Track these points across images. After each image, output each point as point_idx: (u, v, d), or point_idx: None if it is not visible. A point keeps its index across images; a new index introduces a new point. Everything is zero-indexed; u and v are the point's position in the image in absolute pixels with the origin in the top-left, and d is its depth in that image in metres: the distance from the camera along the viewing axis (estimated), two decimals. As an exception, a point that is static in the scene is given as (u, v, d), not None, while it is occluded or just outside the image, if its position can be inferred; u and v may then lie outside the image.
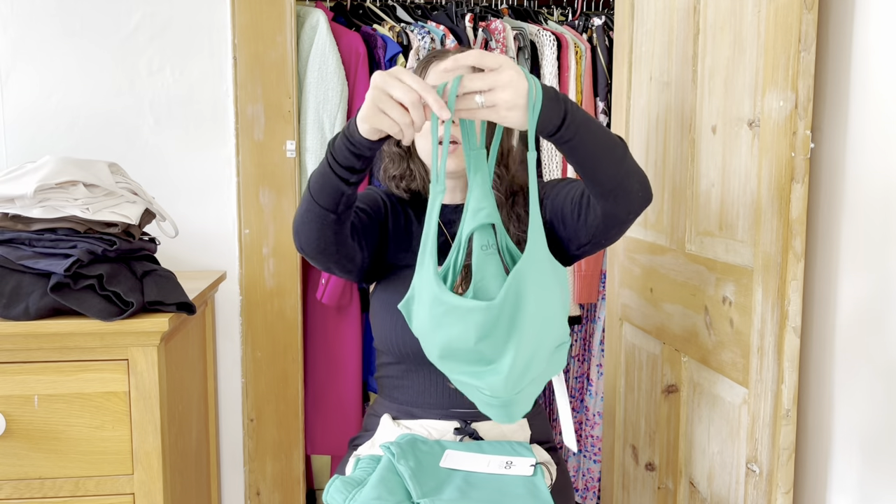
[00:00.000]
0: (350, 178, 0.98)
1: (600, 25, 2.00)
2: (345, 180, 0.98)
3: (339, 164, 0.97)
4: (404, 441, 1.12)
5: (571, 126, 0.92)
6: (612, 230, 1.08)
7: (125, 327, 1.19)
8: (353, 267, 1.15)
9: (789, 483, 1.11)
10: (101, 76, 1.73)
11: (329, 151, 0.98)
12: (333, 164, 0.97)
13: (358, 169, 0.98)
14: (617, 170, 0.99)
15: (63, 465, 1.22)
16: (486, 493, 1.04)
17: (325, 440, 1.98)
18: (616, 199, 1.01)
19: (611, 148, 0.98)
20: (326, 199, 1.00)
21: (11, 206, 1.22)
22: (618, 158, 0.99)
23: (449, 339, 0.95)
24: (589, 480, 2.15)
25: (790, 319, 1.09)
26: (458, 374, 0.99)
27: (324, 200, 1.00)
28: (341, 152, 0.96)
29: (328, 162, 0.98)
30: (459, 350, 0.95)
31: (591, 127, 0.95)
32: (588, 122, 0.95)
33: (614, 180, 0.99)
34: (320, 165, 1.00)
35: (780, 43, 1.08)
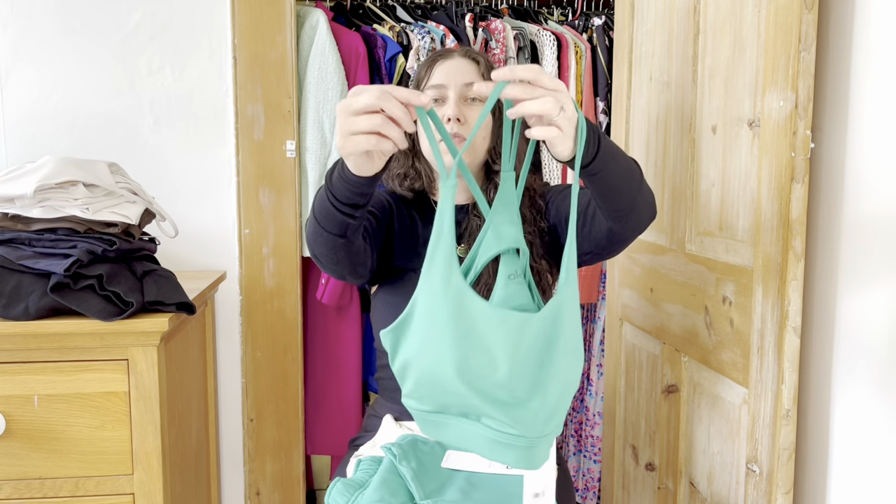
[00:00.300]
0: (354, 213, 0.94)
1: (600, 25, 1.99)
2: (349, 215, 0.94)
3: (340, 202, 0.93)
4: (405, 442, 1.12)
5: (602, 158, 0.90)
6: (615, 245, 1.08)
7: (125, 327, 1.19)
8: (365, 271, 1.13)
9: (789, 483, 1.11)
10: (101, 76, 1.73)
11: (328, 189, 0.93)
12: (335, 202, 0.93)
13: (361, 204, 0.93)
14: (634, 197, 0.99)
15: (63, 465, 1.22)
16: (489, 493, 1.04)
17: (325, 440, 1.98)
18: (627, 220, 1.02)
19: (631, 176, 0.97)
20: (332, 227, 0.97)
21: (11, 206, 1.22)
22: (636, 186, 0.98)
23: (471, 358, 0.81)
24: (589, 480, 2.15)
25: (790, 319, 1.09)
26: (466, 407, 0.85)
27: (330, 228, 0.97)
28: (341, 192, 0.91)
29: (329, 199, 0.93)
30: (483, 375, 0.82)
31: (618, 157, 0.93)
32: (615, 153, 0.93)
33: (630, 205, 0.99)
34: (321, 197, 0.95)
35: (780, 43, 1.08)
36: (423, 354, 0.83)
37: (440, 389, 0.84)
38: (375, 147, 0.80)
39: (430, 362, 0.82)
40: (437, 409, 0.86)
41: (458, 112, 1.17)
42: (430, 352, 0.82)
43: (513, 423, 0.84)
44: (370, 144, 0.80)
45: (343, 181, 0.90)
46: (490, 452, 0.86)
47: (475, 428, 0.86)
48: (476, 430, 0.86)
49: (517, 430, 0.84)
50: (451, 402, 0.85)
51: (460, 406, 0.85)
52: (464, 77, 1.19)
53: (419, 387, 0.85)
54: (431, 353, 0.82)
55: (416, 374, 0.84)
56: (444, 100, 1.20)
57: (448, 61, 1.21)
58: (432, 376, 0.83)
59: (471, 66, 1.21)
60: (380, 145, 0.80)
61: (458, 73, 1.19)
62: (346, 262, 1.05)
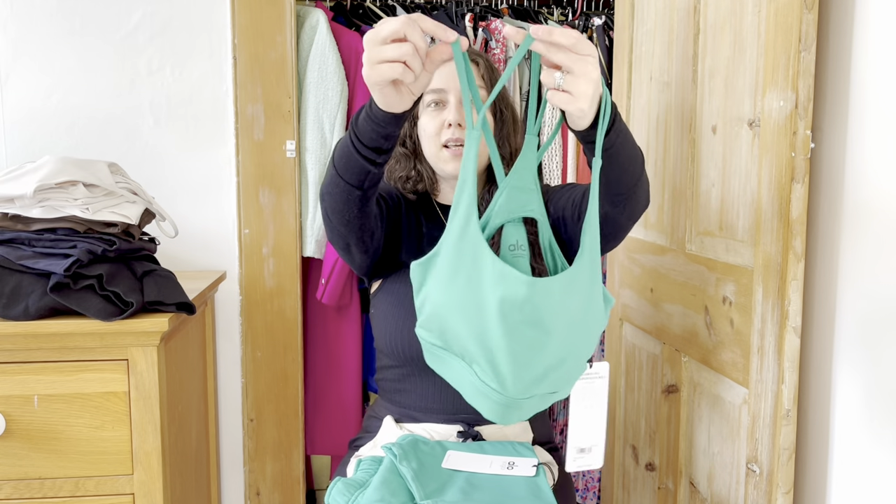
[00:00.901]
0: (377, 158, 0.93)
1: (600, 25, 1.99)
2: (371, 160, 0.93)
3: (364, 146, 0.92)
4: (406, 442, 1.12)
5: (615, 133, 0.89)
6: (609, 234, 1.06)
7: (125, 327, 1.19)
8: (372, 246, 1.11)
9: (789, 483, 1.11)
10: (101, 76, 1.73)
11: (352, 132, 0.92)
12: (358, 146, 0.92)
13: (385, 149, 0.93)
14: (636, 180, 0.97)
15: (63, 465, 1.22)
16: (489, 493, 1.04)
17: (325, 440, 1.98)
18: (625, 206, 1.00)
19: (636, 159, 0.96)
20: (352, 177, 0.96)
21: (11, 206, 1.22)
22: (639, 170, 0.97)
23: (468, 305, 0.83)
24: (589, 480, 2.15)
25: (790, 319, 1.09)
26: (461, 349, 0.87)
27: (349, 177, 0.96)
28: (366, 132, 0.90)
29: (352, 143, 0.92)
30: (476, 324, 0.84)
31: (628, 137, 0.93)
32: (626, 133, 0.92)
33: (630, 189, 0.98)
34: (343, 143, 0.94)
35: (781, 43, 1.08)
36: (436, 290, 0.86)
37: (444, 326, 0.86)
38: (401, 76, 0.80)
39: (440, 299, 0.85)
40: (442, 344, 0.89)
41: (459, 117, 1.17)
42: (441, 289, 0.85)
43: (496, 378, 0.85)
44: (396, 72, 0.79)
45: (369, 120, 0.89)
46: (470, 398, 0.89)
47: (465, 372, 0.88)
48: (465, 374, 0.88)
49: (497, 386, 0.85)
50: (451, 340, 0.87)
51: (458, 347, 0.87)
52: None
53: (430, 319, 0.88)
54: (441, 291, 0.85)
55: (430, 307, 0.87)
56: (443, 104, 1.20)
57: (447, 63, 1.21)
58: (439, 312, 0.86)
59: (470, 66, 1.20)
60: (405, 75, 0.80)
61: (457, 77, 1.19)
62: (356, 225, 1.04)
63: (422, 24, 0.79)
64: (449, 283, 0.84)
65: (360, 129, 0.91)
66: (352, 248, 1.10)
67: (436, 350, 0.90)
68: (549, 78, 0.81)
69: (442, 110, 1.20)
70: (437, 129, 1.20)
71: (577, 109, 0.81)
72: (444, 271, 0.85)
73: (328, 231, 1.08)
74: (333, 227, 1.05)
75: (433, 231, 1.24)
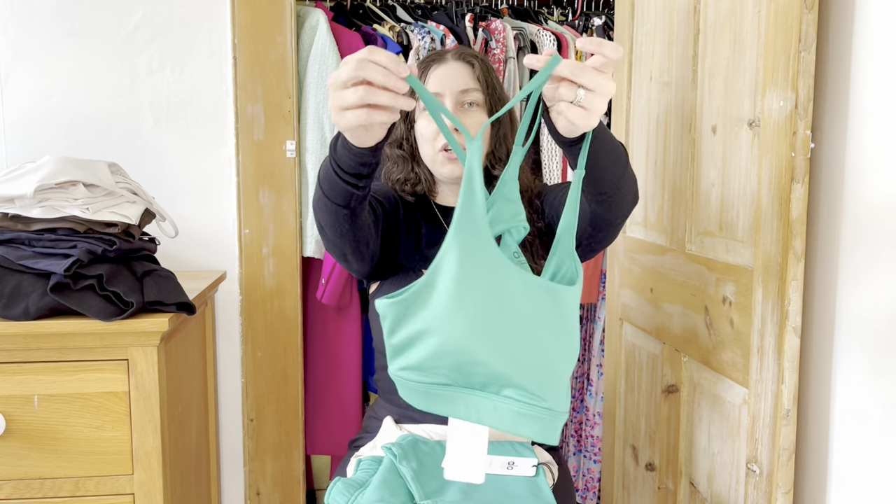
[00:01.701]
0: (358, 182, 0.93)
1: (600, 25, 1.99)
2: (353, 185, 0.93)
3: (345, 171, 0.91)
4: (405, 442, 1.12)
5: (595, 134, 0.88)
6: (600, 233, 1.05)
7: (125, 327, 1.19)
8: (368, 253, 1.10)
9: (789, 483, 1.11)
10: (101, 76, 1.73)
11: (332, 158, 0.91)
12: (339, 172, 0.91)
13: (365, 174, 0.92)
14: (620, 177, 0.97)
15: (63, 465, 1.22)
16: (489, 493, 1.04)
17: (325, 440, 1.98)
18: (611, 204, 0.99)
19: (618, 157, 0.95)
20: (337, 197, 0.95)
21: (11, 206, 1.22)
22: (622, 167, 0.97)
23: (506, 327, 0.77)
24: (589, 480, 2.15)
25: (790, 319, 1.09)
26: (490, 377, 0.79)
27: (335, 198, 0.96)
28: (345, 160, 0.89)
29: (333, 169, 0.91)
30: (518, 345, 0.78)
31: (606, 136, 0.92)
32: (605, 132, 0.92)
33: (615, 187, 0.97)
34: (325, 167, 0.94)
35: (780, 43, 1.08)
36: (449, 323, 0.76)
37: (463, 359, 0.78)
38: (367, 121, 0.77)
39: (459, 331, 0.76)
40: (447, 381, 0.81)
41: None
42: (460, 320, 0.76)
43: (544, 394, 0.80)
44: (360, 119, 0.77)
45: (346, 150, 0.87)
46: (511, 425, 0.80)
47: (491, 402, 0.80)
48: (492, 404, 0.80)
49: (547, 404, 0.80)
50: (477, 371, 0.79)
51: (484, 376, 0.79)
52: (459, 83, 1.18)
53: (434, 357, 0.79)
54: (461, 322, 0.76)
55: (433, 344, 0.78)
56: None
57: (442, 66, 1.20)
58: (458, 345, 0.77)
59: (465, 70, 1.20)
60: (371, 118, 0.77)
61: (452, 80, 1.18)
62: (349, 237, 1.03)
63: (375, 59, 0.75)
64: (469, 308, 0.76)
65: (339, 157, 0.89)
66: (349, 257, 1.09)
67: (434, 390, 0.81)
68: (570, 93, 0.78)
69: None
70: (435, 132, 1.20)
71: (588, 126, 0.80)
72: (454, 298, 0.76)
73: (324, 242, 1.07)
74: (328, 238, 1.05)
75: (432, 232, 1.24)
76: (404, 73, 0.75)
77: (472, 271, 0.75)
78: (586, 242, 1.08)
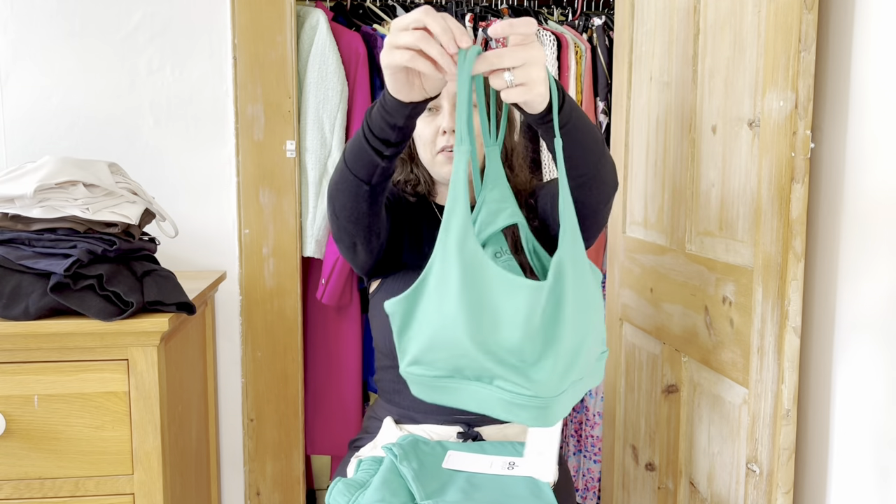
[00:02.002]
0: (384, 150, 0.94)
1: (600, 25, 2.00)
2: (379, 152, 0.95)
3: (374, 136, 0.93)
4: (406, 442, 1.12)
5: (567, 112, 0.89)
6: (586, 221, 1.04)
7: (125, 327, 1.19)
8: (377, 246, 1.12)
9: (789, 483, 1.11)
10: (101, 76, 1.73)
11: (365, 122, 0.95)
12: (368, 135, 0.94)
13: (393, 141, 0.94)
14: (597, 159, 0.97)
15: (63, 465, 1.22)
16: (490, 493, 1.04)
17: (325, 440, 1.98)
18: (590, 188, 1.00)
19: (595, 138, 0.96)
20: (361, 170, 0.97)
21: (11, 206, 1.22)
22: (599, 149, 0.97)
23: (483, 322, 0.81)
24: (589, 480, 2.15)
25: (790, 319, 1.09)
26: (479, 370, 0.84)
27: (358, 171, 0.97)
28: (377, 122, 0.92)
29: (363, 133, 0.95)
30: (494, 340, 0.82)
31: (581, 116, 0.93)
32: (578, 111, 0.93)
33: (593, 169, 0.97)
34: (355, 137, 0.97)
35: (780, 43, 1.08)
36: (437, 316, 0.82)
37: (454, 352, 0.83)
38: (409, 63, 0.81)
39: (445, 324, 0.81)
40: (449, 373, 0.85)
41: (453, 124, 1.16)
42: (445, 314, 0.81)
43: (527, 384, 0.83)
44: (405, 58, 0.81)
45: (381, 108, 0.91)
46: (505, 413, 0.85)
47: (488, 391, 0.85)
48: (490, 393, 0.85)
49: (531, 391, 0.83)
50: (466, 364, 0.84)
51: (474, 369, 0.84)
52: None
53: (431, 350, 0.84)
54: (446, 315, 0.81)
55: (428, 337, 0.83)
56: (437, 109, 1.20)
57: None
58: (446, 339, 0.82)
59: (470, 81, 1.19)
60: (415, 62, 0.81)
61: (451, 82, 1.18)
62: (364, 223, 1.04)
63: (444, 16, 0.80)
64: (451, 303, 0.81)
65: (372, 119, 0.93)
66: (358, 248, 1.10)
67: (440, 382, 0.86)
68: (500, 81, 0.81)
69: (436, 115, 1.20)
70: (433, 135, 1.20)
71: (536, 95, 0.82)
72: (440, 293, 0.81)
73: (335, 230, 1.08)
74: (341, 225, 1.06)
75: (432, 232, 1.24)
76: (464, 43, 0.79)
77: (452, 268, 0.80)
78: None
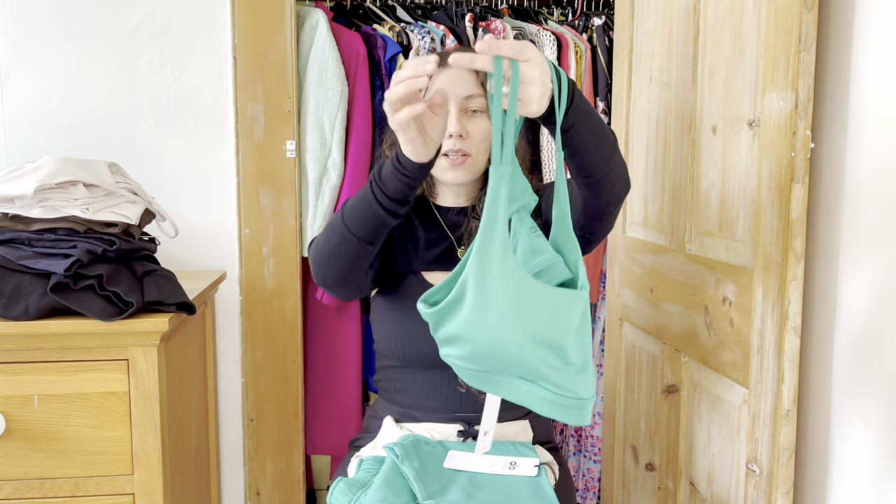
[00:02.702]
0: (399, 210, 0.97)
1: (600, 25, 2.00)
2: (392, 213, 0.97)
3: (388, 198, 0.95)
4: (407, 442, 1.12)
5: (575, 113, 0.90)
6: (594, 222, 1.07)
7: (125, 327, 1.19)
8: (367, 288, 1.16)
9: (789, 483, 1.11)
10: (101, 76, 1.73)
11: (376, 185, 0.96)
12: (381, 198, 0.95)
13: (408, 201, 0.97)
14: (607, 161, 0.97)
15: (63, 465, 1.22)
16: (491, 493, 1.04)
17: (325, 440, 1.98)
18: (600, 189, 1.00)
19: (604, 138, 0.96)
20: (368, 232, 0.99)
21: (11, 206, 1.22)
22: (609, 150, 0.97)
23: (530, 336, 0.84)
24: (589, 480, 2.15)
25: (790, 319, 1.09)
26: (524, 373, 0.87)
27: (365, 234, 0.99)
28: (393, 184, 0.94)
29: (374, 195, 0.96)
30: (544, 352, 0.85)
31: (590, 116, 0.93)
32: (588, 111, 0.93)
33: (602, 171, 0.98)
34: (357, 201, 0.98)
35: (780, 43, 1.08)
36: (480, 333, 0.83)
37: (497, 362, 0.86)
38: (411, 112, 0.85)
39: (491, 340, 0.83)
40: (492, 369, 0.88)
41: (460, 128, 1.15)
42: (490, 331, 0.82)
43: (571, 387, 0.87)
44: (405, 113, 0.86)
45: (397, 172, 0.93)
46: (547, 410, 0.89)
47: (533, 388, 0.88)
48: (532, 391, 0.88)
49: (576, 394, 0.88)
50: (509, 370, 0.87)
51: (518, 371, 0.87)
52: (464, 89, 1.16)
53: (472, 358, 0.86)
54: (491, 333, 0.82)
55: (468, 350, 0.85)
56: None
57: (446, 71, 1.18)
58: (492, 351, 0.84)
59: (470, 76, 1.18)
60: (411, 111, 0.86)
61: (457, 85, 1.16)
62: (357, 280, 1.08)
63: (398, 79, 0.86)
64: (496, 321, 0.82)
65: (385, 182, 0.95)
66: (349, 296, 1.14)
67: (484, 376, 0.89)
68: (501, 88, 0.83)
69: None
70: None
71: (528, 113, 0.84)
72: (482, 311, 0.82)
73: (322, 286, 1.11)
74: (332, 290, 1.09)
75: (430, 233, 1.24)
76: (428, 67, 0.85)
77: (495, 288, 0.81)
78: (580, 232, 1.08)
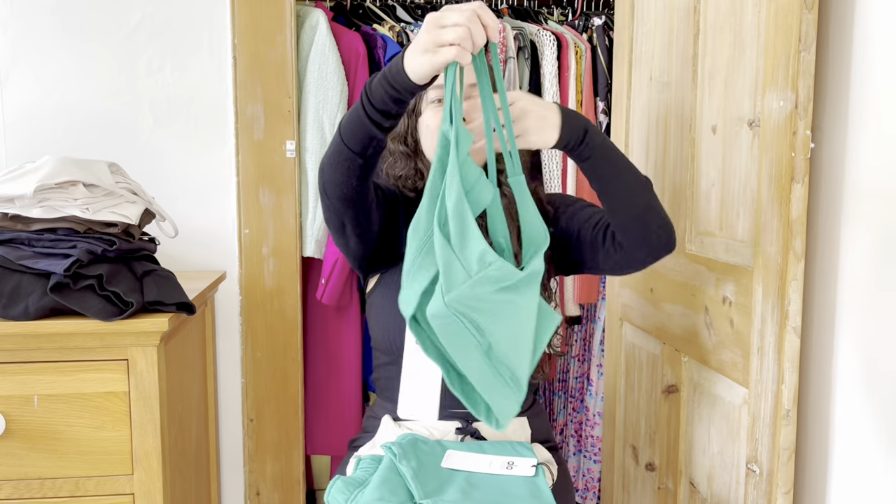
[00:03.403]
0: (384, 122, 0.98)
1: (600, 25, 1.99)
2: (378, 124, 0.98)
3: (373, 108, 0.96)
4: (405, 441, 1.12)
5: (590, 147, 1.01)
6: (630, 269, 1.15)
7: (125, 327, 1.19)
8: (367, 232, 1.15)
9: (789, 483, 1.11)
10: (101, 76, 1.73)
11: (365, 94, 0.97)
12: (368, 107, 0.97)
13: (393, 114, 0.97)
14: (636, 199, 1.04)
15: (63, 465, 1.22)
16: (489, 493, 1.04)
17: (325, 440, 1.98)
18: (635, 233, 1.07)
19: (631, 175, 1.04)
20: (357, 142, 1.00)
21: (11, 206, 1.22)
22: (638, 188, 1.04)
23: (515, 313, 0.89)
24: (589, 480, 2.15)
25: (790, 319, 1.09)
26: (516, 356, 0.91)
27: (354, 144, 1.00)
28: (379, 95, 0.95)
29: (362, 104, 0.98)
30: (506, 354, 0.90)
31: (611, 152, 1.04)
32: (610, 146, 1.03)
33: (632, 210, 1.04)
34: (352, 111, 1.00)
35: (780, 43, 1.08)
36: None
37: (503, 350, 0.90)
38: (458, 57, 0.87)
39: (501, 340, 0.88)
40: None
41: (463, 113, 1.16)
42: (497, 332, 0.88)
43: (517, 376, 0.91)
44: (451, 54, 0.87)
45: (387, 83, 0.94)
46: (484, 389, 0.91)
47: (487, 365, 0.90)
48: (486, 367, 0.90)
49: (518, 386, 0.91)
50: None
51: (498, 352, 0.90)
52: (467, 77, 1.18)
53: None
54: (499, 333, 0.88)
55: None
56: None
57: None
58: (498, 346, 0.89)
59: None
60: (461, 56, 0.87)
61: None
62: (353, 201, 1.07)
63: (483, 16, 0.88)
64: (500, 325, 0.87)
65: (373, 92, 0.96)
66: (347, 229, 1.12)
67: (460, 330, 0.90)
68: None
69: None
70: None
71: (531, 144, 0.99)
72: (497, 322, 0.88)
73: (324, 209, 1.11)
74: (330, 203, 1.09)
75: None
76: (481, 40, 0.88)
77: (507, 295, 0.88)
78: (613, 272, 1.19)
